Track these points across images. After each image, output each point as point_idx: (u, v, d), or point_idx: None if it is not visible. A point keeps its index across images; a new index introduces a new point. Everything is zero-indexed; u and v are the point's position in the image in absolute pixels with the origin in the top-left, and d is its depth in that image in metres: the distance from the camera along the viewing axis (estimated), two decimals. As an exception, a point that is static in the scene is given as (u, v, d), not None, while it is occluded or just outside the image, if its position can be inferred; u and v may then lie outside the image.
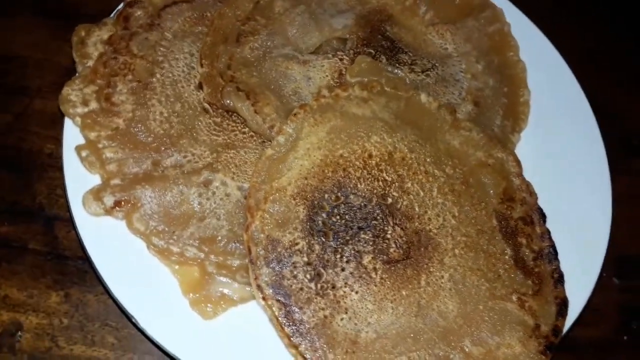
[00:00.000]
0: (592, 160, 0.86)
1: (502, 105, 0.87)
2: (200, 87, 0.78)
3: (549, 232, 0.75)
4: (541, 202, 0.76)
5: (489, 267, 0.72)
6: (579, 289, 0.75)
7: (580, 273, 0.76)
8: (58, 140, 0.75)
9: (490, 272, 0.71)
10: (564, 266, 0.73)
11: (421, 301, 0.68)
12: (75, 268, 0.77)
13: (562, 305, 0.71)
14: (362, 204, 0.71)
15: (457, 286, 0.70)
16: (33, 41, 0.92)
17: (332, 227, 0.69)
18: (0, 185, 0.81)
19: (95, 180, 0.72)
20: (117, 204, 0.69)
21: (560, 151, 0.87)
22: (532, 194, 0.77)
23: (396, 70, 0.83)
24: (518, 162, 0.78)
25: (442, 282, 0.69)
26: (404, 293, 0.68)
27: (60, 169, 0.73)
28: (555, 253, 0.74)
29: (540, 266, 0.73)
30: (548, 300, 0.71)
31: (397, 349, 0.66)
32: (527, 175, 0.78)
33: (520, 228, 0.75)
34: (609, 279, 0.88)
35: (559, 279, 0.72)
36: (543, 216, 0.76)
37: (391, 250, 0.69)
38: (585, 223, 0.81)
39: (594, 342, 0.84)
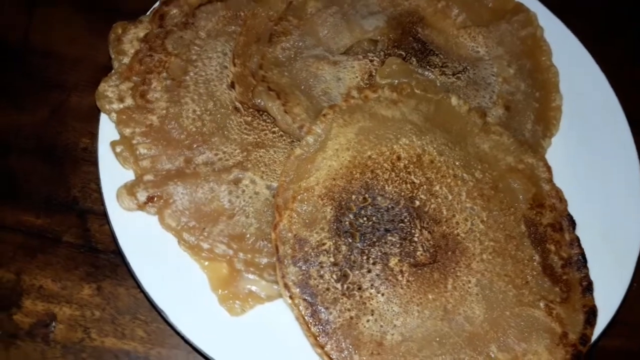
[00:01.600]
0: (625, 168, 0.85)
1: (534, 110, 0.86)
2: (232, 86, 0.79)
3: (578, 239, 0.74)
4: (571, 209, 0.76)
5: (516, 273, 0.71)
6: (608, 298, 0.74)
7: (610, 282, 0.75)
8: (93, 135, 0.77)
9: (518, 278, 0.71)
10: (593, 275, 0.72)
11: (447, 305, 0.68)
12: (107, 261, 0.79)
13: (591, 313, 0.70)
14: (390, 206, 0.71)
15: (484, 291, 0.69)
16: (71, 37, 0.94)
17: (359, 228, 0.69)
18: (37, 177, 0.83)
19: (128, 175, 0.74)
20: (150, 199, 0.71)
21: (592, 157, 0.85)
22: (562, 200, 0.76)
23: (427, 73, 0.83)
24: (548, 168, 0.77)
25: (469, 287, 0.69)
26: (430, 297, 0.68)
27: (94, 163, 0.75)
28: (585, 261, 0.73)
29: (568, 274, 0.72)
30: (576, 309, 0.70)
31: (422, 352, 0.66)
32: (558, 181, 0.77)
33: (549, 234, 0.74)
34: (642, 291, 0.87)
35: (588, 287, 0.72)
36: (573, 223, 0.75)
37: (418, 253, 0.69)
38: (616, 232, 0.79)
39: (622, 354, 0.82)
